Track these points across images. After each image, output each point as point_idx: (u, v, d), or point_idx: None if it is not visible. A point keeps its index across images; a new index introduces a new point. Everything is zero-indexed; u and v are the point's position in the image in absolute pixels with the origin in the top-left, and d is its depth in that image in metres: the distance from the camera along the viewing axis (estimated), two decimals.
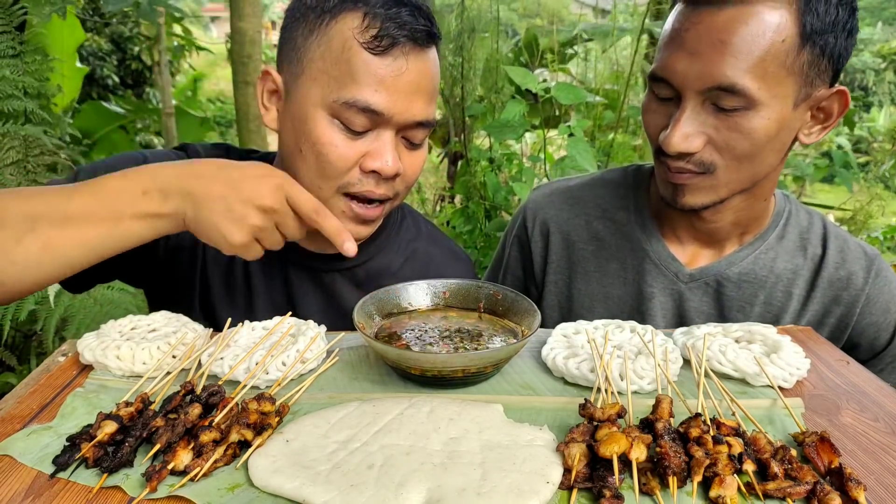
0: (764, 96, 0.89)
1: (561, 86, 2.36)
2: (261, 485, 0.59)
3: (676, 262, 1.11)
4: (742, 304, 1.10)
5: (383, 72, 0.89)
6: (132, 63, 6.52)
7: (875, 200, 3.66)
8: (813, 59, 0.89)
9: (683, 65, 0.91)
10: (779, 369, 0.79)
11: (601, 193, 1.21)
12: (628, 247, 1.15)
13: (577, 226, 1.20)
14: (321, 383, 0.80)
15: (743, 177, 0.97)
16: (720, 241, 1.11)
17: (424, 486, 0.58)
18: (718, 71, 0.88)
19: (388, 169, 0.92)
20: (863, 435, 0.69)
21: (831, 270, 1.09)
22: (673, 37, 0.94)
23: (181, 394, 0.71)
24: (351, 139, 0.91)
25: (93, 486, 0.59)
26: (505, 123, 2.32)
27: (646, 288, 1.13)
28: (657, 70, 0.96)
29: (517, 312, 0.89)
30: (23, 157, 2.47)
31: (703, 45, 0.89)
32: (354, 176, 0.93)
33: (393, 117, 0.90)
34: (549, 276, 1.22)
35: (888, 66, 10.07)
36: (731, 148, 0.93)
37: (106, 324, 0.88)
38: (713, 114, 0.92)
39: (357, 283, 1.10)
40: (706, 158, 0.95)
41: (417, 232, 1.19)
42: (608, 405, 0.68)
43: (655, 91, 0.98)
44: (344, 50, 0.89)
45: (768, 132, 0.91)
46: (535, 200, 1.26)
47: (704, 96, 0.91)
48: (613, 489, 0.56)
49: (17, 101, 2.42)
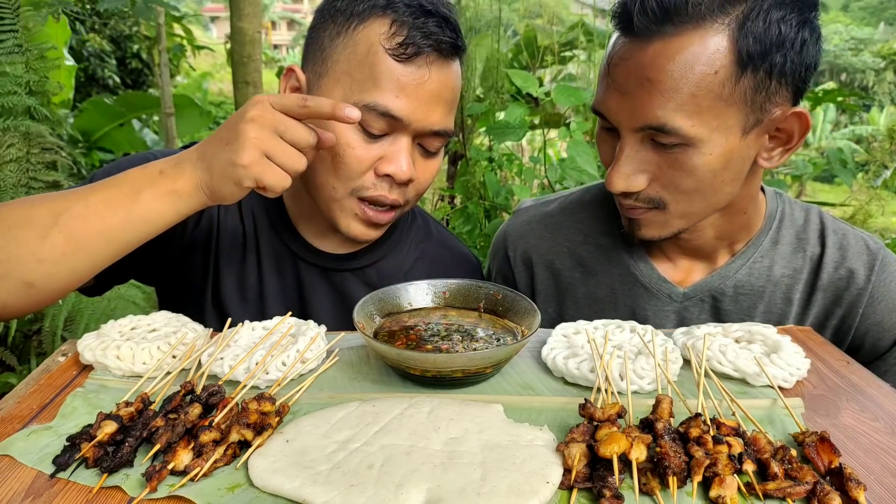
0: (701, 132, 0.83)
1: (560, 88, 2.36)
2: (261, 485, 0.59)
3: (668, 284, 1.07)
4: (741, 317, 1.06)
5: (406, 79, 0.90)
6: (132, 62, 6.52)
7: (874, 200, 3.66)
8: (758, 84, 0.83)
9: (615, 102, 0.88)
10: (779, 369, 0.79)
11: (582, 218, 1.16)
12: (616, 271, 1.11)
13: (560, 254, 1.15)
14: (321, 383, 0.80)
15: (697, 209, 0.93)
16: (709, 253, 1.07)
17: (424, 486, 0.58)
18: (648, 111, 0.84)
19: (402, 174, 0.93)
20: (863, 435, 0.69)
21: (830, 270, 1.04)
22: (605, 73, 0.91)
23: (181, 394, 0.71)
24: (368, 142, 0.93)
25: (93, 486, 0.59)
26: (506, 125, 2.32)
27: (639, 311, 1.09)
28: (595, 105, 0.93)
29: (517, 312, 0.89)
30: (24, 154, 2.47)
31: (632, 84, 0.85)
32: (369, 179, 0.95)
33: (411, 124, 0.92)
34: (538, 305, 1.18)
35: (888, 66, 10.07)
36: (676, 185, 0.89)
37: (106, 324, 0.88)
38: (653, 150, 0.88)
39: (368, 284, 1.11)
40: (653, 195, 0.92)
41: (427, 233, 1.20)
42: (608, 405, 0.68)
43: (599, 123, 0.96)
44: (369, 54, 0.90)
45: (712, 168, 0.86)
46: (515, 230, 1.21)
47: (641, 134, 0.88)
48: (613, 489, 0.56)
49: (18, 97, 2.42)
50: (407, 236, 1.16)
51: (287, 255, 1.09)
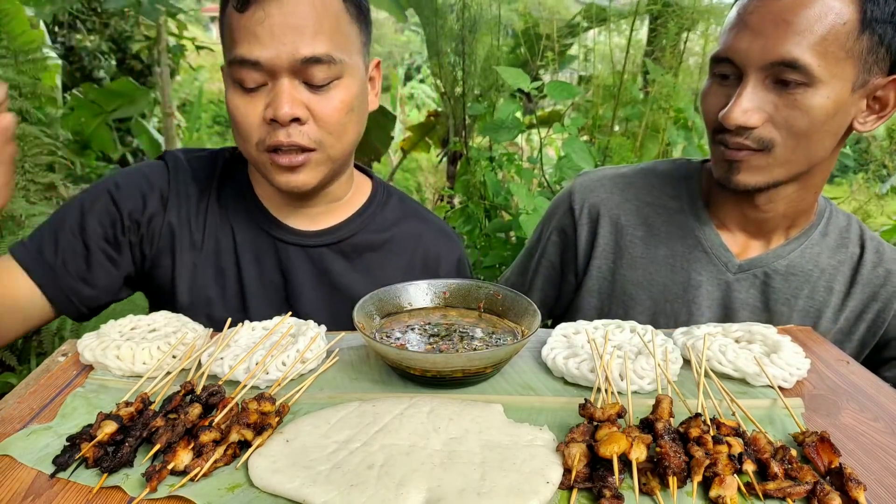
0: (824, 74, 0.92)
1: (554, 83, 2.35)
2: (261, 485, 0.59)
3: (728, 252, 1.13)
4: (787, 297, 1.12)
5: (249, 23, 0.93)
6: (130, 63, 6.51)
7: (874, 200, 3.66)
8: (871, 46, 0.93)
9: (747, 42, 0.95)
10: (779, 369, 0.79)
11: (653, 181, 1.22)
12: (679, 234, 1.16)
13: (627, 210, 1.20)
14: (321, 383, 0.80)
15: (799, 157, 0.99)
16: (768, 233, 1.13)
17: (424, 486, 0.58)
18: (781, 47, 0.92)
19: (281, 115, 0.94)
20: (863, 435, 0.69)
21: (869, 268, 1.12)
22: (737, 20, 0.98)
23: (181, 394, 0.71)
24: (249, 97, 0.97)
25: (93, 486, 0.59)
26: (500, 124, 2.31)
27: (695, 276, 1.14)
28: (720, 51, 0.99)
29: (517, 312, 0.89)
30: (20, 156, 2.47)
31: (767, 25, 0.93)
32: (263, 130, 0.97)
33: (273, 63, 0.93)
34: (594, 261, 1.22)
35: None
36: (790, 125, 0.95)
37: (106, 324, 0.88)
38: (774, 91, 0.95)
39: (344, 255, 1.14)
40: (765, 135, 0.97)
41: (404, 209, 1.22)
42: (608, 405, 0.68)
43: (717, 71, 1.01)
44: (225, 18, 0.97)
45: (826, 111, 0.94)
46: (583, 185, 1.26)
47: (766, 73, 0.94)
48: (613, 489, 0.57)
49: (14, 101, 2.42)
50: (381, 213, 1.18)
51: (264, 235, 1.11)
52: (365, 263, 1.14)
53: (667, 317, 1.15)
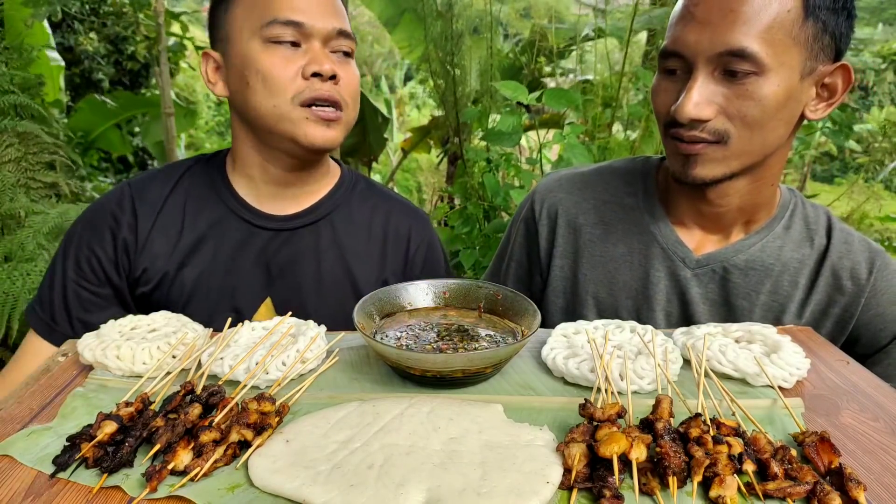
0: (772, 62, 0.93)
1: (551, 92, 2.36)
2: (261, 485, 0.59)
3: (684, 248, 1.13)
4: (748, 292, 1.11)
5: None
6: (128, 63, 6.50)
7: (872, 199, 3.66)
8: (816, 33, 0.94)
9: (695, 34, 0.95)
10: (779, 369, 0.79)
11: (609, 179, 1.23)
12: (635, 231, 1.16)
13: (584, 210, 1.21)
14: (321, 383, 0.80)
15: (755, 147, 0.99)
16: (725, 228, 1.12)
17: (424, 486, 0.58)
18: (729, 36, 0.92)
19: (326, 69, 1.03)
20: (863, 435, 0.69)
21: (835, 259, 1.10)
22: (684, 13, 0.98)
23: (181, 394, 0.71)
24: (288, 55, 1.03)
25: (93, 486, 0.59)
26: (500, 133, 2.34)
27: (653, 272, 1.14)
28: (668, 45, 0.99)
29: (517, 312, 0.89)
30: (21, 154, 2.47)
31: (714, 15, 0.94)
32: (301, 83, 1.03)
33: (314, 26, 1.03)
34: (555, 260, 1.22)
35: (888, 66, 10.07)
36: (743, 115, 0.95)
37: (106, 324, 0.88)
38: (723, 83, 0.95)
39: (321, 236, 1.19)
40: (719, 127, 0.97)
41: (372, 191, 1.28)
42: (608, 405, 0.68)
43: (665, 66, 1.01)
44: None
45: (777, 99, 0.95)
46: (545, 186, 1.28)
47: (715, 64, 0.95)
48: (613, 489, 0.57)
49: (15, 96, 2.42)
50: (352, 193, 1.24)
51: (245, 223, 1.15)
52: (339, 240, 1.19)
53: (628, 313, 1.15)
